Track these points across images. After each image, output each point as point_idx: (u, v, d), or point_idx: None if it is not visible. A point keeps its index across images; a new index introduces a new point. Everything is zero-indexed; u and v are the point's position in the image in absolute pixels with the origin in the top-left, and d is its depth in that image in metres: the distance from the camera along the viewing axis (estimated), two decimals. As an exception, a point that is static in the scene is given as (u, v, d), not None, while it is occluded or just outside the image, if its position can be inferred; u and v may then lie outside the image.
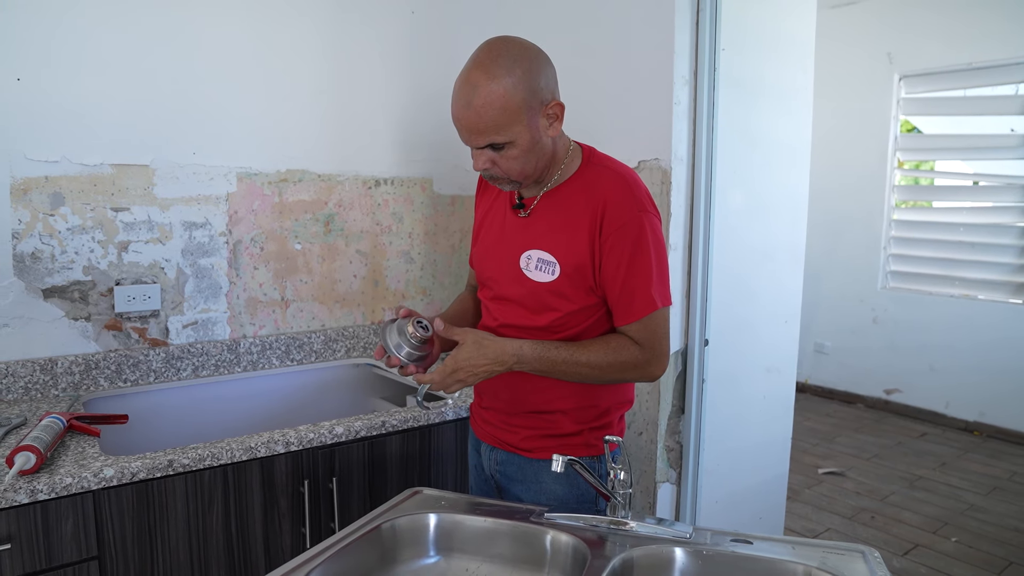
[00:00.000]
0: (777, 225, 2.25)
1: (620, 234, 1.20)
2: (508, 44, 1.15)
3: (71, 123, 1.75)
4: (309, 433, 1.55)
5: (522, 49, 1.15)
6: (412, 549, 1.15)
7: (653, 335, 1.24)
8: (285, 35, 2.04)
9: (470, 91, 1.12)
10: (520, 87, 1.12)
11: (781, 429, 2.42)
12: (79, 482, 1.28)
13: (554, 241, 1.24)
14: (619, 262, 1.20)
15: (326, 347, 2.18)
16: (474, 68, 1.13)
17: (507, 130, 1.14)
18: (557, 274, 1.23)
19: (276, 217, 2.07)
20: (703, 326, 1.96)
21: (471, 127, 1.14)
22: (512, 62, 1.12)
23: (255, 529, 1.51)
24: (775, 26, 2.15)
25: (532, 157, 1.19)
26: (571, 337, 1.26)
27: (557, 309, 1.25)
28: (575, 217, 1.22)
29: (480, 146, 1.16)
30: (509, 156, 1.17)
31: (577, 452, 1.32)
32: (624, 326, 1.24)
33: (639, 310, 1.22)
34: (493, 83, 1.11)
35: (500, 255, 1.31)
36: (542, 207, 1.27)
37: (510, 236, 1.30)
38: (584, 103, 2.12)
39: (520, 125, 1.14)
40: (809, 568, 1.06)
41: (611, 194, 1.21)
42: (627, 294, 1.22)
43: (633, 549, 1.08)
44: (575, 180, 1.26)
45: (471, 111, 1.12)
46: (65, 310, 1.79)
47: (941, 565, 2.70)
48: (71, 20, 1.72)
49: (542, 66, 1.17)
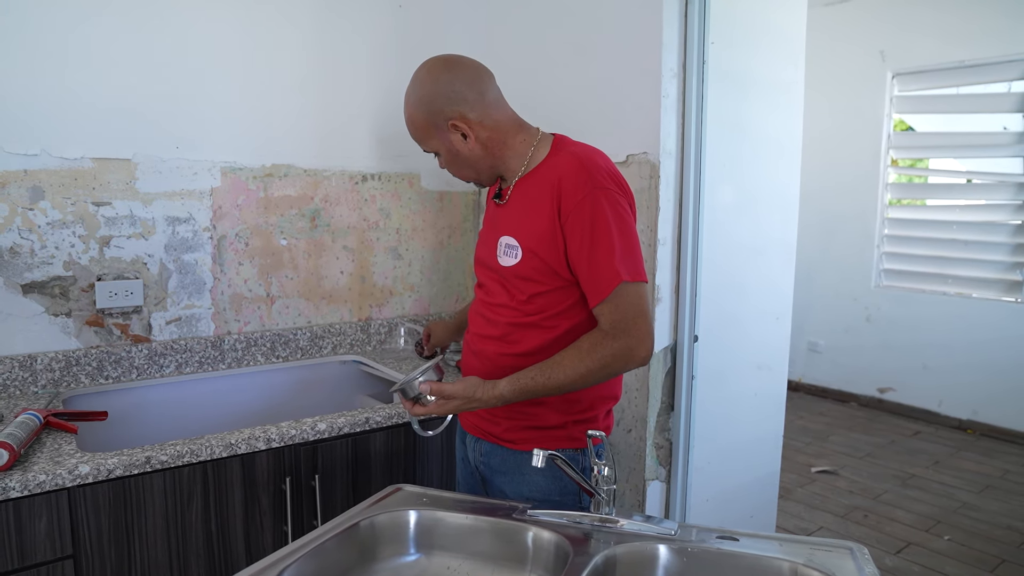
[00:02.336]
0: (768, 221, 2.24)
1: (577, 213, 1.20)
2: (420, 67, 1.31)
3: (51, 116, 1.72)
4: (291, 430, 1.52)
5: (425, 72, 1.30)
6: (392, 546, 1.13)
7: (626, 314, 1.19)
8: (270, 28, 2.02)
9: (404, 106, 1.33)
10: (420, 109, 1.29)
11: (772, 427, 2.40)
12: (53, 479, 1.26)
13: (518, 226, 1.29)
14: (581, 242, 1.21)
15: (312, 344, 2.15)
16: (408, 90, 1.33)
17: (425, 142, 1.33)
18: (519, 257, 1.28)
19: (261, 212, 2.05)
20: (692, 322, 1.95)
21: (412, 136, 1.35)
22: (415, 86, 1.30)
23: (236, 527, 1.48)
24: (765, 19, 2.13)
25: (460, 165, 1.34)
26: (549, 319, 1.28)
27: (522, 290, 1.29)
28: (535, 201, 1.27)
29: (427, 151, 1.35)
30: (443, 162, 1.36)
31: (560, 445, 1.31)
32: (596, 307, 1.22)
33: (605, 286, 1.20)
34: (407, 104, 1.31)
35: (485, 243, 1.39)
36: (514, 195, 1.34)
37: (491, 225, 1.39)
38: (572, 97, 2.11)
39: (434, 139, 1.31)
40: (795, 565, 1.04)
41: (565, 175, 1.23)
42: (593, 272, 1.21)
43: (616, 546, 1.06)
44: (541, 167, 1.31)
45: (406, 123, 1.34)
46: (45, 306, 1.76)
47: (934, 563, 2.68)
48: (52, 12, 1.70)
49: (445, 86, 1.27)
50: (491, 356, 1.34)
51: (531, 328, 1.29)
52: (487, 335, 1.36)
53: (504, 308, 1.32)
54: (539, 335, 1.28)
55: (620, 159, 1.95)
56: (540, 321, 1.28)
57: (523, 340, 1.30)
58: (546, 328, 1.28)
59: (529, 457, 1.27)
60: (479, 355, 1.38)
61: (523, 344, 1.30)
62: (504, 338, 1.32)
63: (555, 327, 1.28)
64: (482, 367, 1.35)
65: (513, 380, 1.22)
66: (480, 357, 1.37)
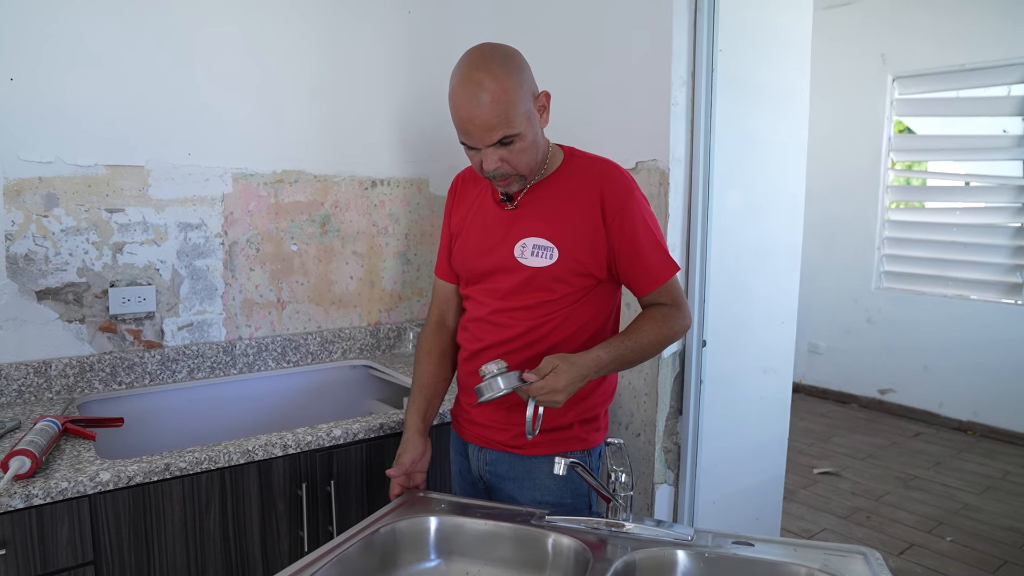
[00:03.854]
0: (774, 226, 2.26)
1: (624, 216, 1.28)
2: (494, 46, 1.23)
3: (65, 124, 1.74)
4: (307, 436, 1.54)
5: (507, 48, 1.24)
6: (412, 553, 1.14)
7: (680, 295, 1.34)
8: (281, 35, 2.03)
9: (477, 89, 1.16)
10: (518, 80, 1.19)
11: (778, 430, 2.42)
12: (75, 486, 1.27)
13: (550, 228, 1.29)
14: (632, 240, 1.28)
15: (322, 349, 2.17)
16: (474, 70, 1.18)
17: (515, 122, 1.19)
18: (556, 258, 1.28)
19: (272, 218, 2.06)
20: (701, 327, 1.96)
21: (484, 124, 1.17)
22: (505, 59, 1.20)
23: (253, 532, 1.50)
24: (771, 27, 2.15)
25: (535, 148, 1.25)
26: (561, 318, 1.31)
27: (550, 291, 1.30)
28: (571, 204, 1.29)
29: (492, 143, 1.19)
30: (518, 149, 1.22)
31: (571, 447, 1.33)
32: (652, 292, 1.32)
33: (663, 274, 1.31)
34: (497, 79, 1.16)
35: (491, 248, 1.35)
36: (529, 200, 1.33)
37: (500, 229, 1.34)
38: (582, 104, 2.12)
39: (523, 117, 1.20)
40: (812, 570, 1.06)
41: (604, 178, 1.30)
42: (647, 264, 1.30)
43: (635, 552, 1.07)
44: (561, 173, 1.33)
45: (482, 107, 1.16)
46: (59, 312, 1.77)
47: (936, 564, 2.71)
48: (65, 19, 1.71)
49: (525, 62, 1.26)
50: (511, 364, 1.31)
51: (553, 329, 1.32)
52: (501, 340, 1.34)
53: (523, 310, 1.32)
54: (557, 335, 1.32)
55: (630, 165, 1.96)
56: (561, 321, 1.31)
57: (543, 340, 1.32)
58: (564, 327, 1.32)
59: (539, 462, 1.32)
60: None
61: (542, 344, 1.32)
62: (522, 338, 1.32)
63: (570, 325, 1.32)
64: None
65: (609, 348, 1.23)
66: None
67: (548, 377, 1.14)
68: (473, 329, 1.40)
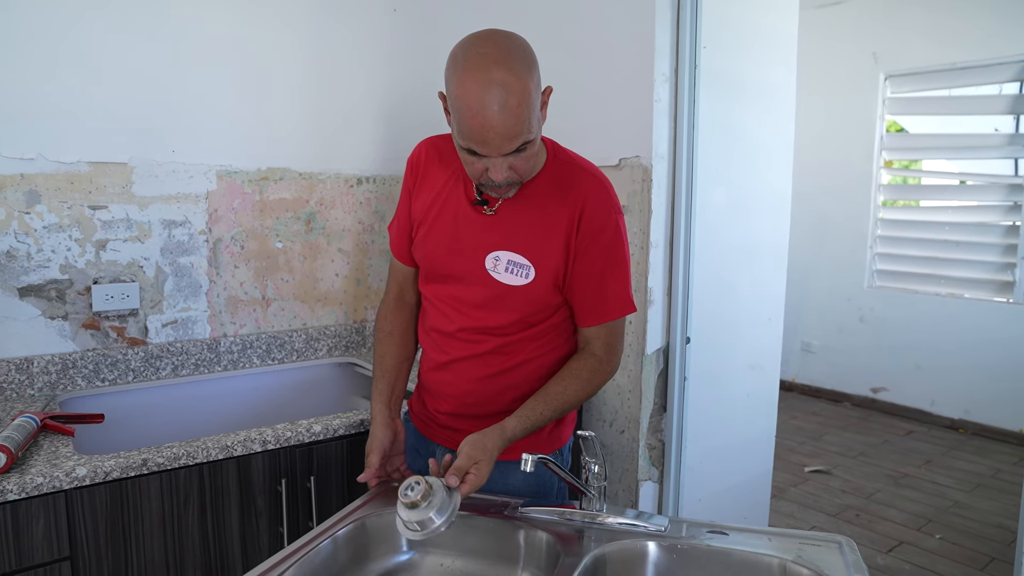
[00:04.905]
0: (760, 223, 2.26)
1: (598, 236, 1.19)
2: (510, 35, 1.06)
3: (47, 120, 1.73)
4: (287, 431, 1.53)
5: (520, 39, 1.08)
6: (385, 545, 1.14)
7: (617, 339, 1.26)
8: (266, 32, 2.03)
9: (502, 93, 0.99)
10: (535, 79, 1.04)
11: (765, 427, 2.42)
12: (51, 481, 1.27)
13: (527, 243, 1.18)
14: (594, 263, 1.20)
15: (308, 346, 2.17)
16: (493, 67, 1.00)
17: (534, 127, 1.05)
18: (532, 278, 1.19)
19: (257, 215, 2.06)
20: (684, 323, 1.96)
21: (507, 132, 1.01)
22: (524, 53, 1.04)
23: (232, 529, 1.50)
24: (756, 23, 2.15)
25: (538, 151, 1.15)
26: (532, 334, 1.25)
27: (522, 310, 1.22)
28: (550, 218, 1.18)
29: (511, 151, 1.04)
30: (527, 155, 1.08)
31: (544, 448, 1.31)
32: (592, 327, 1.24)
33: (614, 311, 1.24)
34: (521, 79, 1.00)
35: (459, 253, 1.23)
36: (510, 205, 1.20)
37: (473, 234, 1.22)
38: (565, 101, 2.12)
39: (538, 119, 1.07)
40: (784, 561, 1.05)
41: (590, 196, 1.19)
42: (602, 295, 1.22)
43: (606, 544, 1.07)
44: (544, 177, 1.21)
45: (507, 114, 1.00)
46: (42, 309, 1.77)
47: (925, 562, 2.71)
48: (48, 15, 1.71)
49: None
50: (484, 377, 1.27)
51: (527, 341, 1.26)
52: (473, 355, 1.27)
53: (496, 329, 1.24)
54: (531, 346, 1.27)
55: (613, 163, 1.96)
56: (536, 335, 1.25)
57: (517, 352, 1.26)
58: (538, 339, 1.26)
59: (510, 466, 1.26)
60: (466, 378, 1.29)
61: (516, 356, 1.26)
62: (495, 354, 1.26)
63: (545, 336, 1.27)
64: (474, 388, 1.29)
65: (523, 420, 1.15)
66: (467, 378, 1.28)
67: (472, 478, 1.06)
68: (439, 341, 1.31)
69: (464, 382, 1.29)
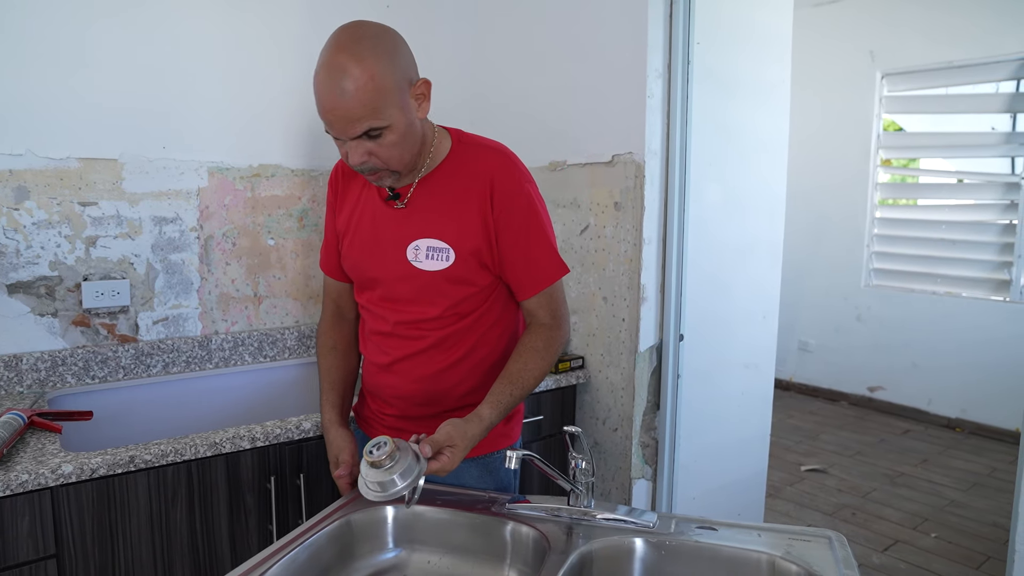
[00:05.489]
0: (754, 221, 2.25)
1: (513, 207, 1.20)
2: (366, 25, 1.10)
3: (37, 115, 1.72)
4: (276, 429, 1.53)
5: (381, 29, 1.11)
6: (371, 543, 1.13)
7: (559, 304, 1.27)
8: (258, 29, 2.02)
9: (339, 76, 1.04)
10: (390, 66, 1.07)
11: (759, 425, 2.41)
12: (36, 478, 1.26)
13: (443, 226, 1.20)
14: (517, 235, 1.21)
15: (300, 343, 2.16)
16: (338, 53, 1.05)
17: (383, 113, 1.07)
18: (452, 259, 1.20)
19: (249, 212, 2.05)
20: (678, 321, 1.96)
21: (347, 115, 1.06)
22: (376, 41, 1.08)
23: (221, 526, 1.49)
24: (750, 20, 2.14)
25: (409, 141, 1.14)
26: (479, 318, 1.25)
27: (451, 296, 1.23)
28: (461, 198, 1.20)
29: (356, 135, 1.08)
30: (387, 143, 1.10)
31: (496, 445, 1.31)
32: (532, 298, 1.25)
33: (547, 278, 1.24)
34: (364, 64, 1.05)
35: (382, 252, 1.25)
36: (420, 195, 1.22)
37: (390, 230, 1.24)
38: (558, 97, 2.12)
39: (394, 107, 1.09)
40: (773, 557, 1.04)
41: (497, 170, 1.21)
42: (531, 265, 1.23)
43: (593, 542, 1.06)
44: (450, 162, 1.23)
45: (345, 97, 1.04)
46: (31, 306, 1.76)
47: (920, 561, 2.70)
48: (38, 11, 1.70)
49: (402, 45, 1.13)
50: (428, 375, 1.27)
51: (464, 332, 1.26)
52: (413, 353, 1.27)
53: (430, 321, 1.24)
54: (471, 337, 1.26)
55: (605, 159, 1.96)
56: (472, 323, 1.25)
57: (457, 345, 1.26)
58: (476, 328, 1.26)
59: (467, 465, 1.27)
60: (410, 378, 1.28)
61: (457, 349, 1.26)
62: (436, 348, 1.26)
63: (482, 325, 1.27)
64: (420, 388, 1.28)
65: (494, 404, 1.15)
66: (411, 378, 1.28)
67: (445, 459, 1.05)
68: (379, 343, 1.31)
69: (408, 383, 1.28)
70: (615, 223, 1.95)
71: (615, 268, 1.97)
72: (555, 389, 2.01)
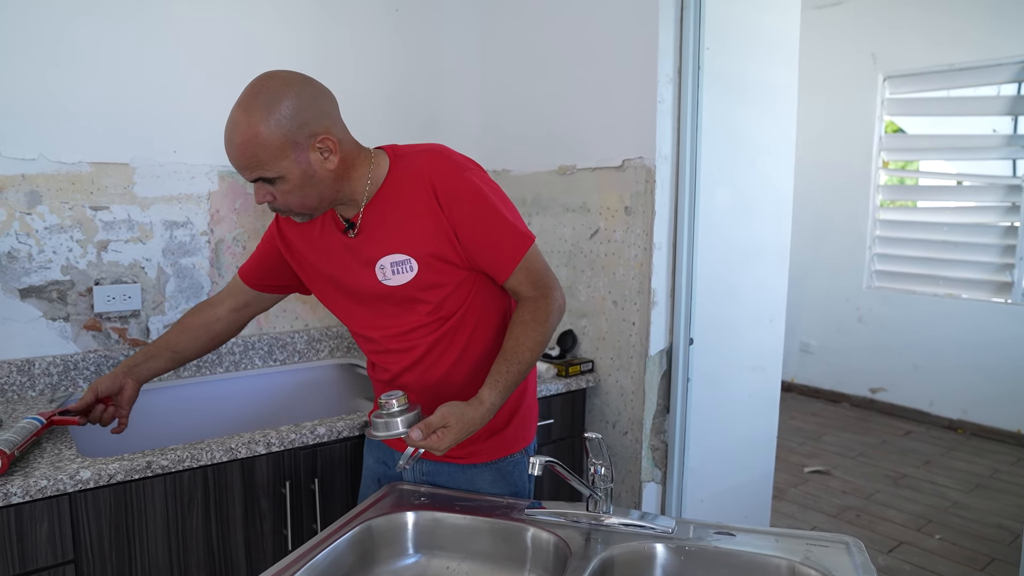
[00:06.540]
0: (762, 224, 2.26)
1: (459, 200, 1.21)
2: (270, 80, 1.15)
3: (48, 120, 1.73)
4: (291, 434, 1.53)
5: (284, 85, 1.15)
6: (391, 548, 1.14)
7: (540, 272, 1.26)
8: (267, 32, 2.02)
9: (232, 129, 1.13)
10: (280, 124, 1.12)
11: (766, 428, 2.42)
12: (54, 484, 1.26)
13: (399, 240, 1.23)
14: (474, 225, 1.21)
15: (309, 347, 2.16)
16: (236, 106, 1.14)
17: (272, 166, 1.13)
18: (416, 268, 1.23)
19: (259, 216, 2.06)
20: (688, 325, 1.97)
21: (236, 163, 1.15)
22: (271, 99, 1.12)
23: (236, 531, 1.49)
24: (759, 24, 2.16)
25: (309, 190, 1.18)
26: (455, 323, 1.27)
27: (429, 301, 1.25)
28: (410, 209, 1.22)
29: (250, 180, 1.17)
30: (283, 190, 1.16)
31: (510, 449, 1.33)
32: (510, 277, 1.25)
33: (516, 253, 1.23)
34: (251, 121, 1.11)
35: (355, 281, 1.29)
36: (369, 220, 1.26)
37: (355, 258, 1.28)
38: (568, 102, 2.12)
39: (287, 160, 1.13)
40: (792, 563, 1.05)
41: (432, 170, 1.22)
42: (498, 246, 1.23)
43: (614, 547, 1.07)
44: (391, 180, 1.25)
45: (234, 148, 1.13)
46: (43, 310, 1.76)
47: (925, 562, 2.71)
48: (49, 15, 1.70)
49: (309, 100, 1.16)
50: (432, 384, 1.30)
51: (453, 332, 1.28)
52: (410, 364, 1.31)
53: (417, 330, 1.28)
54: (461, 335, 1.29)
55: (616, 164, 1.97)
56: (458, 322, 1.28)
57: (450, 347, 1.29)
58: (464, 326, 1.29)
59: (480, 470, 1.31)
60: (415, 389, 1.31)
61: (452, 352, 1.29)
62: (429, 354, 1.29)
63: (470, 321, 1.29)
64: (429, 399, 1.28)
65: (493, 385, 1.16)
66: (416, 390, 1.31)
67: (436, 437, 1.08)
68: (378, 361, 1.37)
69: (416, 397, 1.30)
70: (625, 227, 1.96)
71: (625, 272, 1.97)
72: (565, 393, 2.02)
